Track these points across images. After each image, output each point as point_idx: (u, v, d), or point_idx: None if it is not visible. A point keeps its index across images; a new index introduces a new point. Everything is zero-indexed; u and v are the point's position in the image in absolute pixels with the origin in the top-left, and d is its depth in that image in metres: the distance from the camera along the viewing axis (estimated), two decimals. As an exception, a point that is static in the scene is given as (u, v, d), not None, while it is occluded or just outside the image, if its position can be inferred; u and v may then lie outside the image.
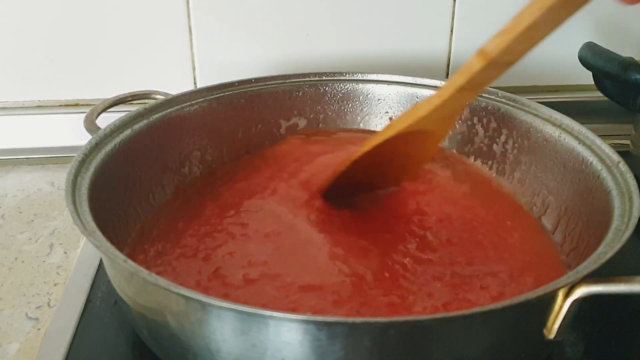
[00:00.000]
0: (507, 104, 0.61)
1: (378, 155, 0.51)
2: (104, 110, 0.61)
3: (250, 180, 0.61)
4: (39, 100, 0.78)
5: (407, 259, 0.52)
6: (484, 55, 0.42)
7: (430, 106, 0.47)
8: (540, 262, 0.53)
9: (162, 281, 0.38)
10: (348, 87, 0.67)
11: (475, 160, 0.64)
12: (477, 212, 0.59)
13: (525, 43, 0.41)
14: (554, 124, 0.58)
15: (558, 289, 0.39)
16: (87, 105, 0.77)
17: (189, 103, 0.61)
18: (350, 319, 0.37)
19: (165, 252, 0.52)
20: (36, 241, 0.62)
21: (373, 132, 0.63)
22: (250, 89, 0.65)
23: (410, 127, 0.48)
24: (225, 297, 0.46)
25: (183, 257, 0.52)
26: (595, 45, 0.67)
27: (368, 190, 0.56)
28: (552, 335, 0.41)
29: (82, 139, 0.53)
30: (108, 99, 0.62)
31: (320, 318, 0.37)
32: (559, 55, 0.78)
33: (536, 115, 0.59)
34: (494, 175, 0.63)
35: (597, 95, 0.69)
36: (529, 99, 0.61)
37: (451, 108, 0.47)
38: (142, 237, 0.54)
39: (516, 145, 0.61)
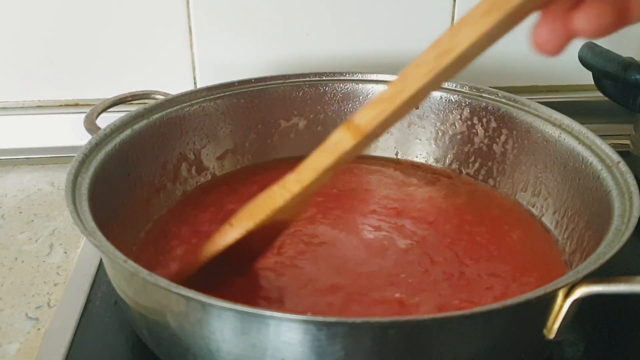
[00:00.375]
0: (507, 104, 0.61)
1: (237, 244, 0.44)
2: (104, 110, 0.61)
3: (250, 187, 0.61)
4: (39, 100, 0.78)
5: (411, 260, 0.52)
6: (357, 131, 0.36)
7: (287, 195, 0.40)
8: (541, 262, 0.53)
9: (162, 281, 0.38)
10: (348, 87, 0.67)
11: (475, 160, 0.64)
12: (476, 212, 0.59)
13: (405, 111, 0.36)
14: (554, 124, 0.58)
15: (558, 289, 0.39)
16: (87, 105, 0.77)
17: (189, 103, 0.61)
18: (350, 319, 0.37)
19: (164, 251, 0.53)
20: (36, 241, 0.62)
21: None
22: (250, 89, 0.65)
23: (262, 223, 0.42)
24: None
25: (183, 257, 0.52)
26: (595, 45, 0.67)
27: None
28: (552, 336, 0.41)
29: (82, 139, 0.53)
30: (108, 99, 0.62)
31: (320, 318, 0.37)
32: (559, 56, 0.78)
33: (536, 115, 0.59)
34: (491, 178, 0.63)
35: (597, 95, 0.69)
36: (529, 99, 0.61)
37: (310, 192, 0.40)
38: (142, 236, 0.54)
39: (516, 145, 0.61)
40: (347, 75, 0.67)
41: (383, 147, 0.68)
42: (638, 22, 0.31)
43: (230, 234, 0.43)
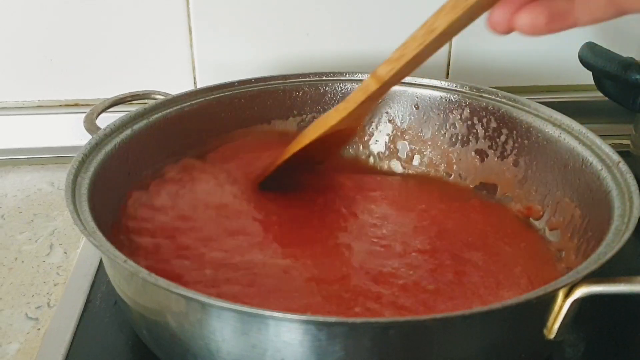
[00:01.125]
0: (507, 104, 0.61)
1: (301, 152, 0.57)
2: (103, 110, 0.61)
3: None
4: (39, 101, 0.78)
5: (409, 261, 0.52)
6: (378, 79, 0.50)
7: (338, 116, 0.54)
8: (540, 262, 0.53)
9: (162, 281, 0.38)
10: (348, 87, 0.67)
11: (473, 157, 0.64)
12: (476, 212, 0.59)
13: (411, 68, 0.48)
14: (554, 124, 0.58)
15: (558, 289, 0.39)
16: (87, 105, 0.77)
17: (188, 103, 0.61)
18: (350, 319, 0.37)
19: (164, 251, 0.52)
20: (36, 241, 0.62)
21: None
22: (250, 89, 0.65)
23: (324, 134, 0.55)
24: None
25: (183, 257, 0.52)
26: (596, 45, 0.67)
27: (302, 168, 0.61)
28: (552, 336, 0.41)
29: (82, 139, 0.53)
30: (108, 99, 0.62)
31: (320, 318, 0.37)
32: (559, 55, 0.78)
33: (536, 115, 0.59)
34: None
35: (597, 95, 0.69)
36: (529, 98, 0.61)
37: (357, 114, 0.54)
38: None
39: (516, 145, 0.61)
40: (347, 75, 0.67)
41: (380, 148, 0.68)
42: (579, 26, 0.38)
43: (302, 141, 0.56)
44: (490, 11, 0.39)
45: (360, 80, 0.67)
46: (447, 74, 0.80)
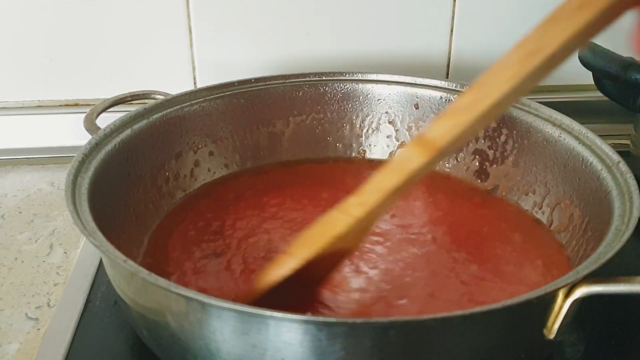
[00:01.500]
0: (507, 104, 0.61)
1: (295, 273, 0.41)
2: (103, 110, 0.61)
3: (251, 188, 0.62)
4: (39, 100, 0.78)
5: (409, 261, 0.52)
6: (428, 147, 0.32)
7: (349, 220, 0.36)
8: (540, 262, 0.53)
9: (162, 281, 0.38)
10: (348, 87, 0.67)
11: (474, 160, 0.64)
12: (475, 212, 0.59)
13: (484, 123, 0.32)
14: (554, 124, 0.58)
15: (558, 289, 0.39)
16: (87, 105, 0.77)
17: (188, 103, 0.61)
18: (350, 319, 0.37)
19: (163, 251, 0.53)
20: (36, 241, 0.62)
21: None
22: (250, 89, 0.65)
23: (322, 252, 0.38)
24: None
25: (182, 257, 0.52)
26: (596, 45, 0.67)
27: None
28: (552, 336, 0.41)
29: (82, 139, 0.53)
30: (108, 99, 0.62)
31: (320, 318, 0.37)
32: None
33: (536, 115, 0.59)
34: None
35: (597, 95, 0.69)
36: (528, 98, 0.61)
37: (376, 216, 0.37)
38: (142, 236, 0.54)
39: (516, 145, 0.61)
40: (347, 75, 0.67)
41: (380, 148, 0.68)
42: None
43: (287, 264, 0.40)
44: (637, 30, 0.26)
45: (361, 80, 0.67)
46: (447, 74, 0.80)
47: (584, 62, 0.67)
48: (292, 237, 0.53)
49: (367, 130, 0.68)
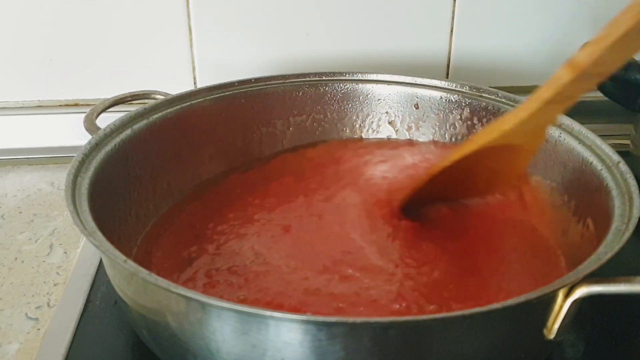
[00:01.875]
0: (507, 104, 0.61)
1: (459, 169, 0.49)
2: (103, 110, 0.60)
3: (251, 188, 0.61)
4: (39, 100, 0.78)
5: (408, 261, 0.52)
6: (574, 66, 0.39)
7: (515, 119, 0.44)
8: (540, 262, 0.53)
9: (162, 281, 0.38)
10: (348, 87, 0.67)
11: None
12: (475, 212, 0.59)
13: (620, 53, 0.37)
14: (553, 124, 0.57)
15: (558, 289, 0.39)
16: (87, 105, 0.77)
17: (188, 103, 0.61)
18: (350, 319, 0.37)
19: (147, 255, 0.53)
20: (36, 241, 0.62)
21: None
22: (250, 88, 0.65)
23: (495, 141, 0.45)
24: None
25: (182, 257, 0.52)
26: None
27: (447, 199, 0.53)
28: (552, 336, 0.41)
29: (82, 139, 0.53)
30: (108, 98, 0.62)
31: (320, 318, 0.37)
32: (559, 55, 0.78)
33: (536, 115, 0.59)
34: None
35: (597, 95, 0.69)
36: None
37: (538, 122, 0.44)
38: (142, 236, 0.54)
39: (516, 145, 0.61)
40: (347, 75, 0.67)
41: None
42: None
43: (468, 146, 0.47)
44: None
45: (360, 80, 0.67)
46: (447, 74, 0.80)
47: (584, 62, 0.67)
48: (278, 242, 0.53)
49: (367, 130, 0.68)
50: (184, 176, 0.61)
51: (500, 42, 0.72)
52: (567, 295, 0.40)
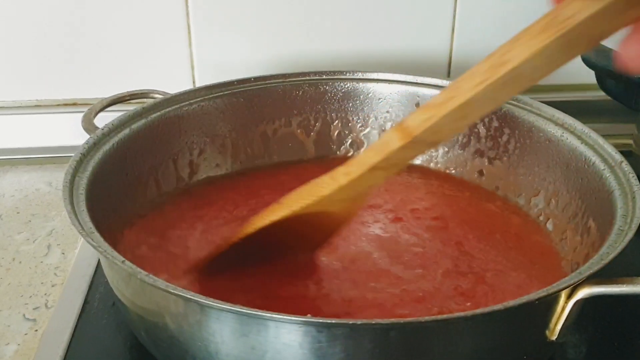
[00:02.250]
0: (509, 103, 0.61)
1: (267, 233, 0.45)
2: (101, 109, 0.60)
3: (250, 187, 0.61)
4: (37, 100, 0.78)
5: (408, 261, 0.52)
6: (405, 132, 0.36)
7: (334, 184, 0.40)
8: (542, 263, 0.52)
9: (160, 282, 0.38)
10: (348, 86, 0.66)
11: (475, 157, 0.64)
12: (477, 212, 0.59)
13: (457, 122, 0.34)
14: (556, 124, 0.57)
15: (560, 290, 0.39)
16: (85, 104, 0.77)
17: (187, 102, 0.61)
18: (350, 321, 0.37)
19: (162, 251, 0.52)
20: (34, 242, 0.62)
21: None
22: (249, 88, 0.64)
23: (308, 208, 0.42)
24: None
25: (181, 257, 0.52)
26: (599, 44, 0.66)
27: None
28: (554, 337, 0.41)
29: (80, 138, 0.53)
30: (106, 98, 0.62)
31: (320, 320, 0.37)
32: None
33: (538, 115, 0.59)
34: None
35: (600, 94, 0.68)
36: (531, 98, 0.60)
37: (359, 188, 0.40)
38: (140, 236, 0.54)
39: (518, 144, 0.60)
40: (348, 74, 0.67)
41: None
42: None
43: (277, 211, 0.44)
44: (624, 43, 0.30)
45: (361, 79, 0.66)
46: (449, 73, 0.80)
47: (587, 62, 0.66)
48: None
49: (368, 130, 0.67)
50: (183, 176, 0.61)
51: (502, 41, 0.71)
52: (569, 296, 0.40)
